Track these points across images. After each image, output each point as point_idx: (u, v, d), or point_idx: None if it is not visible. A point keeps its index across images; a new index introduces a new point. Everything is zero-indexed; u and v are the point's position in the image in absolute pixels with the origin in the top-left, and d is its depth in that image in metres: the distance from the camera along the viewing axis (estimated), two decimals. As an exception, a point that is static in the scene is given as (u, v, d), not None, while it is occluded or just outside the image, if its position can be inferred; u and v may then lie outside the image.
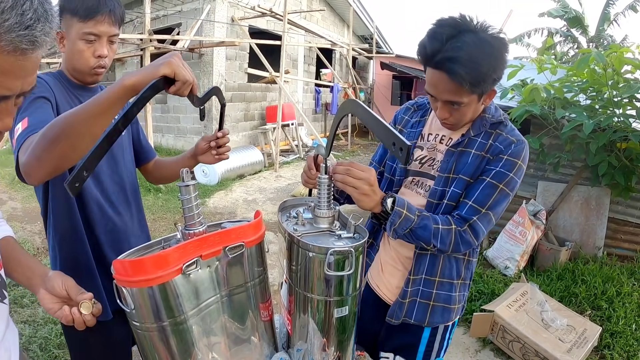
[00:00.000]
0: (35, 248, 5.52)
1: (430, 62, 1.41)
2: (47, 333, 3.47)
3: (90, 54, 1.59)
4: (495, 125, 1.58)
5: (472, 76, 1.34)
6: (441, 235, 1.47)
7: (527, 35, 16.16)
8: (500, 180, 1.51)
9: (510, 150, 1.51)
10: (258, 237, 1.30)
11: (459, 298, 1.74)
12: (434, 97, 1.50)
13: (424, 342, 1.76)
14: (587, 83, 4.16)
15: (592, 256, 4.92)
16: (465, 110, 1.48)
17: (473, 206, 1.51)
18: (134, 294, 1.10)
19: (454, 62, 1.33)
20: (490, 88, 1.46)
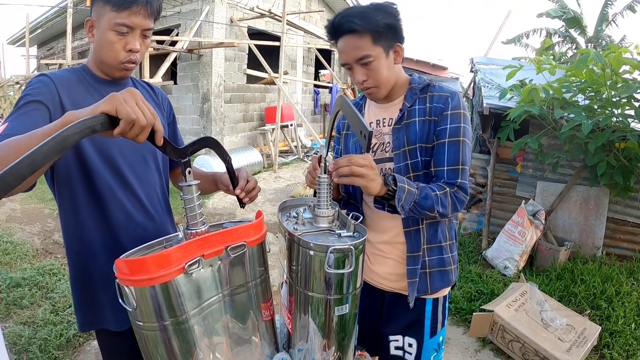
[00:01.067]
0: (34, 249, 5.52)
1: (334, 32, 1.62)
2: (46, 334, 3.46)
3: (121, 47, 1.48)
4: (424, 89, 1.71)
5: (365, 22, 1.52)
6: (441, 200, 1.54)
7: (526, 35, 16.14)
8: (457, 134, 1.62)
9: (450, 105, 1.63)
10: (260, 237, 1.31)
11: (452, 259, 1.82)
12: (349, 66, 1.64)
13: (428, 316, 1.81)
14: (586, 83, 4.16)
15: (591, 256, 4.92)
16: (376, 65, 1.59)
17: (450, 169, 1.61)
18: (136, 293, 1.10)
19: (348, 17, 1.54)
20: (392, 41, 1.60)
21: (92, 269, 1.58)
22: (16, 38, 18.08)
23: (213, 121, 10.89)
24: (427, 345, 1.82)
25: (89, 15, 1.50)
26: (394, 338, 1.85)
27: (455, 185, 1.60)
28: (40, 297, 4.16)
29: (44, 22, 15.03)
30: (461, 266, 4.85)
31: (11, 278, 4.38)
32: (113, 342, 1.69)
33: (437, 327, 1.83)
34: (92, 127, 0.95)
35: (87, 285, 1.60)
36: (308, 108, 15.75)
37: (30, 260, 5.14)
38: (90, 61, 1.57)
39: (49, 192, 8.13)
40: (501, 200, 5.59)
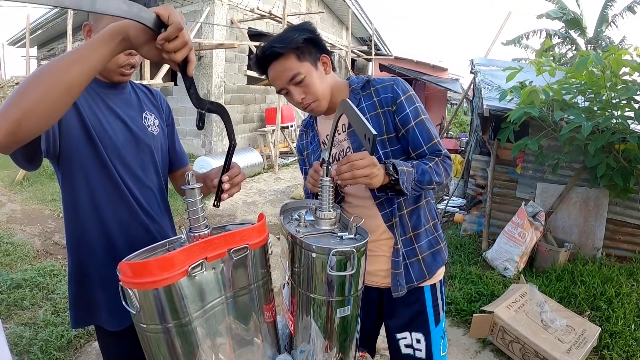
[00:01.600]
0: (35, 250, 5.52)
1: (263, 64, 1.67)
2: (47, 335, 3.46)
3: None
4: (365, 86, 1.76)
5: (284, 43, 1.58)
6: (435, 170, 1.62)
7: (526, 36, 16.14)
8: (418, 114, 1.69)
9: (400, 91, 1.69)
10: (262, 240, 1.32)
11: (439, 237, 1.88)
12: (284, 91, 1.68)
13: (429, 305, 1.84)
14: (586, 85, 4.17)
15: (591, 257, 4.92)
16: (309, 81, 1.63)
17: (429, 146, 1.68)
18: (139, 295, 1.11)
19: (268, 46, 1.60)
20: (315, 52, 1.66)
21: (90, 268, 1.60)
22: (16, 39, 18.06)
23: (213, 122, 10.90)
24: (434, 335, 1.84)
25: (87, 19, 1.51)
26: (401, 336, 1.86)
27: (441, 154, 1.68)
28: (41, 298, 4.17)
29: (45, 23, 15.01)
30: (461, 267, 4.85)
31: (12, 279, 4.39)
32: (111, 343, 1.71)
33: (440, 314, 1.87)
34: (144, 19, 0.99)
35: (83, 283, 1.62)
36: (308, 109, 15.75)
37: (31, 261, 5.15)
38: None
39: (50, 194, 8.16)
40: (501, 201, 5.60)
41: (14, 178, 9.54)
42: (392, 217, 1.74)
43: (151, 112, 1.76)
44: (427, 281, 1.82)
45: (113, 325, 1.62)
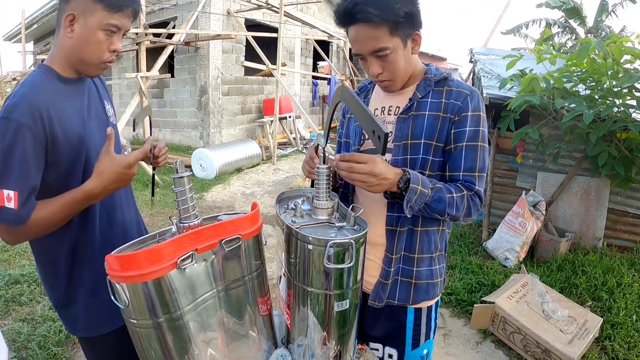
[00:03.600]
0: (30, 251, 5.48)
1: (345, 20, 1.46)
2: (45, 331, 3.44)
3: (106, 47, 1.45)
4: (441, 82, 1.59)
5: (381, 10, 1.37)
6: (456, 203, 1.47)
7: (525, 26, 16.07)
8: (476, 138, 1.52)
9: (471, 106, 1.53)
10: (255, 230, 1.28)
11: (439, 271, 1.72)
12: (362, 57, 1.52)
13: (409, 327, 1.71)
14: (587, 73, 4.13)
15: (592, 247, 4.90)
16: (394, 58, 1.48)
17: (467, 175, 1.53)
18: (128, 289, 1.08)
19: (363, 5, 1.38)
20: (411, 29, 1.48)
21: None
22: (12, 34, 17.99)
23: (211, 114, 10.86)
24: (408, 357, 1.73)
25: (66, 8, 1.41)
26: (374, 346, 1.76)
27: (473, 190, 1.52)
28: (39, 294, 4.14)
29: (40, 17, 14.95)
30: (461, 257, 4.83)
31: (10, 275, 4.36)
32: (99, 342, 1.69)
33: (420, 339, 1.74)
34: None
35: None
36: (306, 100, 15.72)
37: (29, 257, 5.12)
38: (58, 59, 1.49)
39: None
40: (501, 191, 5.57)
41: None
42: (397, 225, 1.59)
43: (107, 101, 1.73)
44: (411, 304, 1.69)
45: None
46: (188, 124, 11.44)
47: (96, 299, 1.57)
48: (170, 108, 11.88)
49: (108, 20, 1.40)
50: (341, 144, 1.86)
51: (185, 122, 11.51)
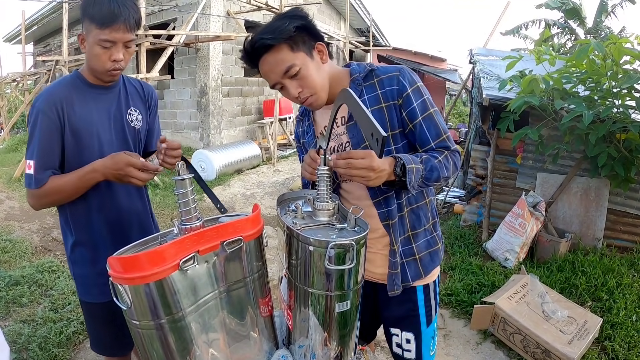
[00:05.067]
0: (33, 247, 5.50)
1: (253, 57, 1.54)
2: (46, 332, 3.44)
3: (107, 58, 1.70)
4: (368, 76, 1.64)
5: (274, 33, 1.45)
6: (445, 165, 1.54)
7: (525, 27, 16.08)
8: (426, 108, 1.58)
9: (407, 83, 1.57)
10: (256, 231, 1.29)
11: (437, 237, 1.81)
12: (279, 85, 1.57)
13: (421, 305, 1.79)
14: (586, 74, 4.13)
15: (591, 247, 4.90)
16: (305, 72, 1.51)
17: (437, 142, 1.59)
18: (130, 291, 1.09)
19: (258, 38, 1.47)
20: (308, 41, 1.53)
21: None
22: (12, 35, 18.01)
23: (211, 115, 10.86)
24: (424, 336, 1.81)
25: (81, 30, 1.72)
26: (394, 331, 1.84)
27: (449, 150, 1.60)
28: (40, 295, 4.15)
29: (40, 19, 14.96)
30: (461, 258, 4.84)
31: (10, 276, 4.36)
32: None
33: (432, 315, 1.83)
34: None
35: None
36: (306, 101, 15.71)
37: (29, 258, 5.13)
38: (84, 69, 1.81)
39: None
40: (501, 191, 5.57)
41: (11, 175, 9.50)
42: (389, 218, 1.66)
43: (136, 108, 1.96)
44: (421, 281, 1.77)
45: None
46: (188, 125, 11.44)
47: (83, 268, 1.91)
48: (170, 109, 11.88)
49: (100, 36, 1.64)
50: (301, 148, 1.93)
51: (185, 124, 11.51)
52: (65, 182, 1.71)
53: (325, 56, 1.60)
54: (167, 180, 8.64)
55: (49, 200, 1.74)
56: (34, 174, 1.67)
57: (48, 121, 1.67)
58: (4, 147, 14.00)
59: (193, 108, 11.21)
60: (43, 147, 1.68)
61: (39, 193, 1.70)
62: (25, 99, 14.96)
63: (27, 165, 1.68)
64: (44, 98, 1.70)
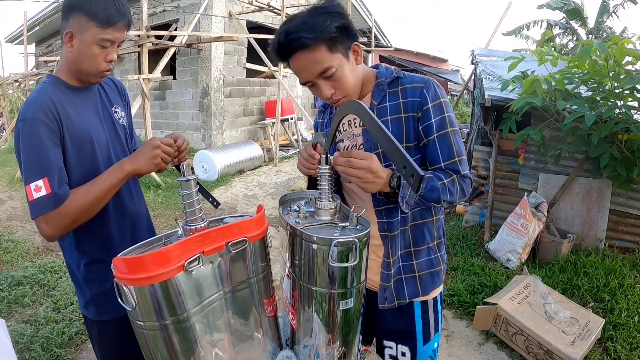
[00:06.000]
0: (35, 247, 5.51)
1: (284, 53, 1.48)
2: (48, 332, 3.45)
3: (102, 59, 1.60)
4: (394, 83, 1.60)
5: (312, 32, 1.38)
6: (449, 188, 1.47)
7: (526, 27, 16.04)
8: (444, 126, 1.52)
9: (429, 97, 1.52)
10: (261, 232, 1.29)
11: (440, 258, 1.74)
12: (311, 83, 1.52)
13: (418, 322, 1.73)
14: (588, 74, 4.14)
15: (593, 248, 4.89)
16: (340, 74, 1.47)
17: (447, 164, 1.53)
18: (135, 292, 1.09)
19: (294, 33, 1.40)
20: (346, 41, 1.47)
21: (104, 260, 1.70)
22: (14, 36, 18.04)
23: (213, 116, 10.87)
24: (420, 353, 1.75)
25: (65, 27, 1.58)
26: (388, 344, 1.79)
27: (459, 174, 1.52)
28: (42, 295, 4.15)
29: (42, 20, 14.98)
30: (463, 259, 4.83)
31: (12, 276, 4.38)
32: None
33: (430, 333, 1.76)
34: None
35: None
36: (308, 101, 15.72)
37: (32, 259, 5.13)
38: (63, 70, 1.67)
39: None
40: (503, 192, 5.57)
41: (13, 176, 9.52)
42: (388, 229, 1.61)
43: (118, 105, 1.88)
44: (419, 297, 1.71)
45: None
46: (190, 125, 11.45)
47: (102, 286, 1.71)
48: (172, 110, 11.90)
49: (101, 36, 1.55)
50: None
51: (187, 124, 11.52)
52: (89, 190, 1.53)
53: (360, 57, 1.56)
54: (169, 180, 8.65)
55: (72, 218, 1.50)
56: (50, 193, 1.45)
57: (48, 131, 1.49)
58: (6, 147, 14.02)
59: (195, 109, 11.23)
60: (51, 159, 1.48)
61: (60, 214, 1.47)
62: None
63: (35, 188, 1.45)
64: (37, 107, 1.51)
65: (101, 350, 1.86)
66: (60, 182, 1.49)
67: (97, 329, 1.80)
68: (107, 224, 1.71)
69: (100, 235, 1.71)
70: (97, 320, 1.77)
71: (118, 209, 1.75)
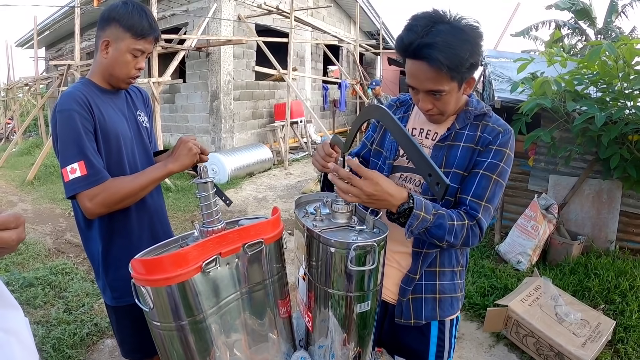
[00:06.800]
0: (46, 249, 5.55)
1: (409, 52, 1.42)
2: (60, 333, 3.48)
3: (133, 66, 1.82)
4: (480, 117, 1.59)
5: (449, 60, 1.35)
6: (455, 231, 1.43)
7: (535, 28, 15.98)
8: (493, 171, 1.52)
9: (499, 141, 1.53)
10: (277, 234, 1.31)
11: (461, 286, 1.74)
12: (415, 89, 1.50)
13: (433, 342, 1.72)
14: (598, 75, 4.12)
15: (604, 250, 4.87)
16: (447, 99, 1.48)
17: (473, 201, 1.51)
18: (152, 293, 1.10)
19: (431, 48, 1.34)
20: (468, 75, 1.46)
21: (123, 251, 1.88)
22: (24, 40, 18.17)
23: (222, 119, 10.91)
24: None
25: (102, 35, 1.79)
26: (399, 359, 1.78)
27: (475, 219, 1.49)
28: (53, 297, 4.19)
29: (52, 24, 15.10)
30: (474, 261, 4.83)
31: (24, 278, 4.41)
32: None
33: (444, 356, 1.75)
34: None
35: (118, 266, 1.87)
36: (317, 104, 15.74)
37: (43, 260, 5.18)
38: (96, 74, 1.87)
39: (60, 192, 8.21)
40: (513, 194, 5.56)
41: (24, 178, 9.59)
42: (424, 247, 1.60)
43: (141, 110, 2.07)
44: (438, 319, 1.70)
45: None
46: (200, 128, 11.49)
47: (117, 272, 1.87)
48: (182, 113, 11.94)
49: (134, 46, 1.78)
50: (371, 150, 1.85)
51: (197, 127, 11.56)
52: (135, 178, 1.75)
53: (469, 89, 1.55)
54: (179, 183, 8.69)
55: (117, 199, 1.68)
56: (86, 174, 1.61)
57: (84, 120, 1.67)
58: (17, 150, 14.14)
59: (205, 112, 11.26)
60: (86, 145, 1.65)
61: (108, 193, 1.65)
62: (37, 102, 15.09)
63: (70, 170, 1.61)
64: (72, 99, 1.69)
65: (119, 335, 2.05)
66: (95, 165, 1.64)
67: (118, 315, 1.97)
68: (129, 214, 1.88)
69: (122, 224, 1.87)
70: (114, 306, 1.93)
71: (139, 202, 1.88)
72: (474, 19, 1.43)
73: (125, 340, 2.04)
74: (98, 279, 1.96)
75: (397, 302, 1.67)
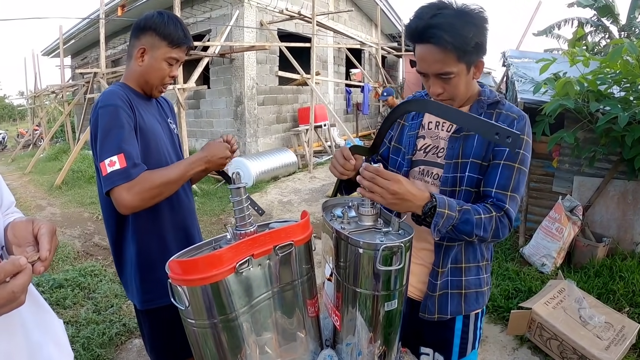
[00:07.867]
0: (75, 252, 5.67)
1: (416, 37, 1.49)
2: (89, 333, 3.58)
3: (167, 74, 1.90)
4: (493, 105, 1.62)
5: (454, 38, 1.40)
6: (484, 224, 1.46)
7: (557, 26, 15.76)
8: (514, 160, 1.54)
9: (514, 127, 1.55)
10: (306, 236, 1.36)
11: (487, 280, 1.76)
12: (424, 74, 1.55)
13: (457, 334, 1.75)
14: (621, 74, 4.10)
15: (629, 252, 4.80)
16: (456, 82, 1.51)
17: (499, 192, 1.53)
18: (188, 292, 1.16)
19: (437, 29, 1.40)
20: (476, 57, 1.50)
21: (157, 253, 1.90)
22: (50, 49, 18.51)
23: (247, 123, 11.01)
24: None
25: (137, 44, 1.86)
26: (425, 351, 1.80)
27: (502, 209, 1.51)
28: (83, 298, 4.29)
29: (77, 33, 15.37)
30: (498, 264, 4.82)
31: (54, 279, 4.53)
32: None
33: (467, 349, 1.77)
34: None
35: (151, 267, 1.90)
36: (340, 108, 15.79)
37: (72, 262, 5.29)
38: (131, 80, 1.93)
39: (88, 197, 8.37)
40: (537, 196, 5.54)
41: (52, 182, 9.78)
42: (444, 239, 1.60)
43: (170, 117, 2.16)
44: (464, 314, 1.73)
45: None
46: (224, 133, 11.55)
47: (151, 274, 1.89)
48: (207, 118, 12.08)
49: (170, 54, 1.86)
50: (389, 148, 1.88)
51: (222, 132, 11.60)
52: (170, 169, 1.76)
53: (479, 72, 1.58)
54: (205, 187, 8.80)
55: (154, 190, 1.67)
56: (126, 166, 1.62)
57: (127, 116, 1.72)
58: (45, 156, 14.39)
59: (229, 117, 11.38)
60: (127, 139, 1.67)
61: (145, 185, 1.64)
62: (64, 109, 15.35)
63: (109, 163, 1.61)
64: (116, 96, 1.74)
65: (153, 343, 2.05)
66: (135, 160, 1.66)
67: (150, 317, 1.97)
68: (163, 214, 1.92)
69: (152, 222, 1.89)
70: (150, 309, 1.92)
71: (175, 203, 1.97)
72: (480, 5, 1.48)
73: (154, 345, 2.05)
74: (129, 282, 1.95)
75: (425, 296, 1.70)
